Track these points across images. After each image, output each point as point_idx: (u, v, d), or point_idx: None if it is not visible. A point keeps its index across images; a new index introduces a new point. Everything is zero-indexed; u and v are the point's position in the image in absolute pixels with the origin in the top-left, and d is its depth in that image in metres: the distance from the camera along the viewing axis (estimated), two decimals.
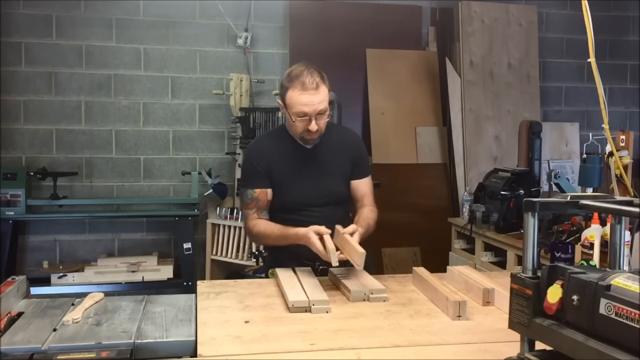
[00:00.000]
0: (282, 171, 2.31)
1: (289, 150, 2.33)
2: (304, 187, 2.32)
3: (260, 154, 2.34)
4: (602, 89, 2.40)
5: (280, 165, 2.31)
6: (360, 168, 2.43)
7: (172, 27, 4.47)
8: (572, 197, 1.28)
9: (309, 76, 2.19)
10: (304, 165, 2.33)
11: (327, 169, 2.35)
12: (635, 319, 1.00)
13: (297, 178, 2.32)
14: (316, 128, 2.20)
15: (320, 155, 2.34)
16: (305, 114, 2.18)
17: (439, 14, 4.91)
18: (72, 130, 4.40)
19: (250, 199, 2.31)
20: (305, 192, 2.32)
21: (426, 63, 4.81)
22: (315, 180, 2.33)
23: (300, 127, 2.22)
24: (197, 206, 4.31)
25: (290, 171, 2.31)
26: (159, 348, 1.61)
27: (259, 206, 2.31)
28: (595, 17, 2.32)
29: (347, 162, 2.39)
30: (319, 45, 4.55)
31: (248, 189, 2.32)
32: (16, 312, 1.82)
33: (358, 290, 1.99)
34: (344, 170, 2.39)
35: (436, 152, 4.76)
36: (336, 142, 2.37)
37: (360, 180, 2.43)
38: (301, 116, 2.19)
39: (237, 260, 4.22)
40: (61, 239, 4.44)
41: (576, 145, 5.00)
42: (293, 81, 2.19)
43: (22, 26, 4.27)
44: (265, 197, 2.31)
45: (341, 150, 2.38)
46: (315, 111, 2.18)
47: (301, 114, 2.18)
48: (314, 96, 2.17)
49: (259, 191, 2.31)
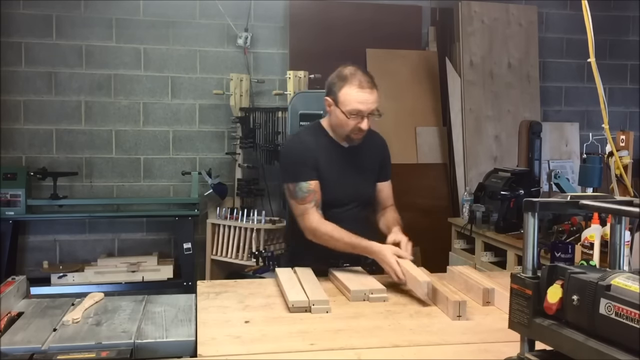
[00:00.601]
0: (326, 167, 2.31)
1: (328, 147, 2.34)
2: (342, 186, 2.34)
3: (308, 148, 2.31)
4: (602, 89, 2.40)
5: (324, 161, 2.31)
6: (385, 170, 2.48)
7: (172, 27, 4.47)
8: (572, 197, 1.28)
9: (365, 75, 2.23)
10: (341, 164, 2.35)
11: (361, 170, 2.38)
12: (635, 319, 1.00)
13: (334, 176, 2.33)
14: (366, 127, 2.24)
15: (355, 156, 2.37)
16: (360, 111, 2.21)
17: (439, 14, 4.91)
18: (72, 130, 4.40)
19: (307, 192, 2.24)
20: (342, 190, 2.34)
21: (426, 63, 4.81)
22: (352, 179, 2.36)
23: (352, 124, 2.24)
24: (197, 206, 4.31)
25: (329, 169, 2.32)
26: (159, 348, 1.61)
27: (317, 199, 2.25)
28: (595, 17, 2.32)
29: (377, 163, 2.44)
30: (319, 45, 4.55)
31: (301, 182, 2.25)
32: (16, 312, 1.82)
33: (358, 290, 1.99)
34: (374, 171, 2.44)
35: (436, 152, 4.76)
36: (367, 143, 2.39)
37: (385, 183, 2.48)
38: (355, 114, 2.21)
39: (237, 260, 4.21)
40: (61, 239, 4.44)
41: (576, 145, 4.99)
42: (349, 78, 2.21)
43: (22, 26, 4.27)
44: (319, 189, 2.27)
45: (371, 151, 2.42)
46: (369, 110, 2.22)
47: (355, 111, 2.21)
48: (370, 95, 2.21)
49: (314, 183, 2.26)
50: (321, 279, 2.17)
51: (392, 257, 2.08)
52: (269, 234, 4.21)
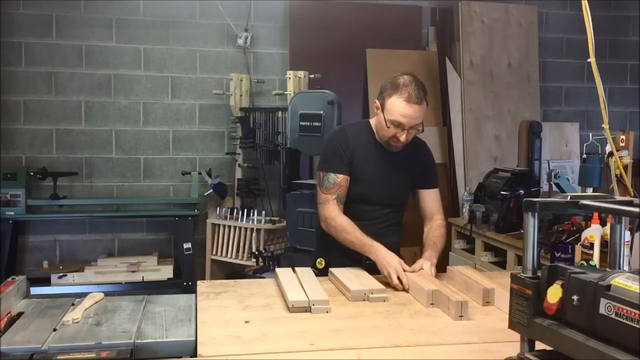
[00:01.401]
0: (362, 163, 2.34)
1: (369, 145, 2.36)
2: (376, 184, 2.36)
3: (346, 141, 2.35)
4: (602, 89, 2.40)
5: (361, 157, 2.34)
6: (428, 178, 2.47)
7: (172, 27, 4.47)
8: (572, 197, 1.28)
9: (417, 89, 2.21)
10: (379, 164, 2.36)
11: (400, 174, 2.39)
12: (635, 319, 1.00)
13: (372, 173, 2.35)
14: (405, 139, 2.25)
15: (396, 159, 2.38)
16: (401, 124, 2.22)
17: (439, 14, 4.91)
18: (72, 130, 4.40)
19: (332, 184, 2.30)
20: (376, 188, 2.36)
21: (426, 63, 4.80)
22: (387, 180, 2.38)
23: (391, 133, 2.25)
24: (197, 206, 4.31)
25: (366, 166, 2.35)
26: (159, 348, 1.61)
27: (340, 193, 2.31)
28: (595, 17, 2.32)
29: (418, 171, 2.44)
30: (319, 45, 4.56)
31: (331, 173, 2.31)
32: (16, 312, 1.82)
33: (358, 290, 1.99)
34: (412, 178, 2.44)
35: (436, 152, 4.75)
36: (411, 150, 2.39)
37: (428, 191, 2.47)
38: (396, 125, 2.22)
39: (237, 260, 4.22)
40: (61, 239, 4.44)
41: (576, 145, 4.99)
42: (400, 88, 2.21)
43: (22, 26, 4.27)
44: (346, 184, 2.33)
45: (413, 159, 2.42)
46: (411, 124, 2.22)
47: (396, 122, 2.22)
48: (415, 111, 2.21)
49: (342, 177, 2.31)
50: (321, 279, 2.18)
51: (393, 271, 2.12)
52: (269, 234, 4.21)
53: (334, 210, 2.29)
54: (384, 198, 2.39)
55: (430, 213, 2.48)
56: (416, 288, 2.02)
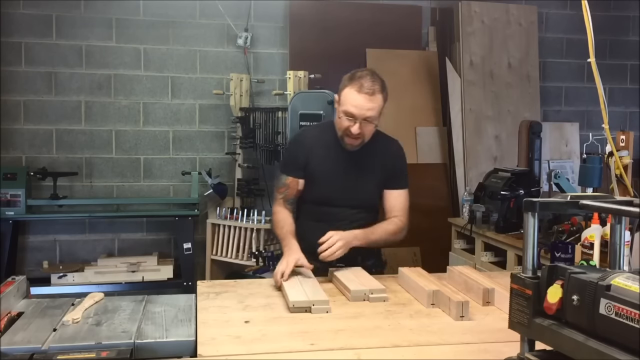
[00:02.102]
0: (320, 165, 2.35)
1: (331, 146, 2.36)
2: (336, 185, 2.35)
3: (303, 145, 2.40)
4: (602, 89, 2.40)
5: (319, 159, 2.35)
6: (395, 179, 2.43)
7: (172, 27, 4.47)
8: (572, 197, 1.28)
9: (370, 81, 2.22)
10: (342, 164, 2.35)
11: (363, 173, 2.37)
12: (635, 319, 1.00)
13: (332, 175, 2.35)
14: (357, 132, 2.23)
15: (359, 159, 2.37)
16: (352, 114, 2.21)
17: (439, 14, 4.91)
18: (72, 130, 4.40)
19: (282, 184, 2.40)
20: (337, 190, 2.35)
21: (426, 63, 4.80)
22: (349, 181, 2.36)
23: (344, 125, 2.25)
24: (197, 206, 4.31)
25: (327, 167, 2.35)
26: (159, 348, 1.61)
27: (287, 194, 2.38)
28: (595, 17, 2.32)
29: (384, 171, 2.41)
30: (319, 45, 4.56)
31: (283, 174, 2.41)
32: (16, 312, 1.82)
33: (358, 290, 1.99)
34: (379, 178, 2.41)
35: (436, 152, 4.76)
36: (378, 149, 2.38)
37: (393, 191, 2.43)
38: (348, 116, 2.22)
39: (237, 260, 4.21)
40: (61, 239, 4.44)
41: (576, 145, 4.99)
42: (353, 80, 2.23)
43: (22, 26, 4.27)
44: (296, 186, 2.38)
45: (380, 158, 2.39)
46: (362, 116, 2.21)
47: (348, 113, 2.22)
48: (367, 101, 2.20)
49: (291, 179, 2.38)
50: (321, 279, 2.17)
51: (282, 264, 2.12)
52: (269, 234, 4.21)
53: (277, 207, 2.38)
54: (347, 199, 2.36)
55: (388, 213, 2.41)
56: (417, 288, 2.02)
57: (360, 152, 2.35)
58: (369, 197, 2.41)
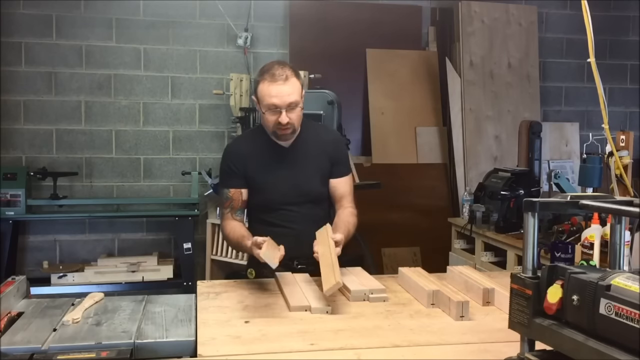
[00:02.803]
0: (258, 170, 2.30)
1: (265, 149, 2.31)
2: (280, 186, 2.30)
3: (236, 154, 2.34)
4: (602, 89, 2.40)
5: (256, 164, 2.30)
6: (338, 167, 2.38)
7: (172, 27, 4.47)
8: (572, 197, 1.28)
9: (279, 69, 2.17)
10: (280, 163, 2.31)
11: (304, 168, 2.32)
12: (635, 319, 1.00)
13: (273, 177, 2.30)
14: (287, 120, 2.17)
15: (297, 154, 2.32)
16: (275, 105, 2.16)
17: (439, 14, 4.91)
18: (72, 130, 4.40)
19: (225, 199, 2.32)
20: (281, 190, 2.30)
21: (426, 63, 4.81)
22: (292, 178, 2.31)
23: (272, 120, 2.19)
24: (197, 206, 4.31)
25: (266, 170, 2.30)
26: (159, 348, 1.61)
27: (232, 206, 2.31)
28: (595, 17, 2.32)
29: (325, 160, 2.35)
30: (319, 45, 4.56)
31: (224, 189, 2.34)
32: (16, 312, 1.83)
33: (358, 290, 1.99)
34: (322, 168, 2.35)
35: (436, 152, 4.76)
36: (314, 140, 2.34)
37: (339, 180, 2.38)
38: (271, 108, 2.17)
39: (237, 260, 4.21)
40: (61, 239, 4.44)
41: (576, 145, 5.00)
42: (263, 74, 2.19)
43: (22, 26, 4.27)
44: (240, 197, 2.32)
45: (319, 148, 2.34)
46: (285, 103, 2.15)
47: (271, 106, 2.16)
48: (283, 87, 2.15)
49: (234, 191, 2.32)
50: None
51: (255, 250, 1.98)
52: None
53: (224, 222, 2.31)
54: (296, 196, 2.31)
55: (338, 202, 2.37)
56: (417, 288, 2.02)
57: (296, 146, 2.31)
58: (317, 190, 2.35)
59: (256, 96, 2.24)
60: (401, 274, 2.21)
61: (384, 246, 4.45)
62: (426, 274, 2.15)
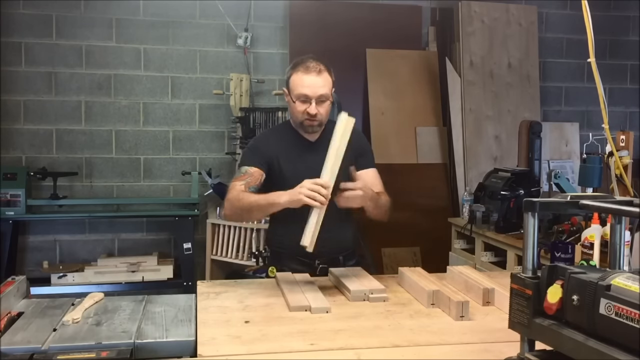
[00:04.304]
0: (284, 162, 2.31)
1: (292, 142, 2.34)
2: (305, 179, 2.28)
3: (266, 142, 2.35)
4: (602, 89, 2.40)
5: (283, 155, 2.31)
6: (364, 159, 2.42)
7: (172, 27, 4.47)
8: (572, 197, 1.28)
9: (313, 62, 2.22)
10: (306, 159, 2.31)
11: None
12: (635, 319, 1.00)
13: (298, 170, 2.28)
14: (315, 112, 2.20)
15: (323, 150, 2.32)
16: (306, 96, 2.19)
17: (439, 14, 4.91)
18: (72, 130, 4.40)
19: (244, 172, 2.25)
20: None
21: (426, 63, 4.80)
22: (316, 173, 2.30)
23: (301, 110, 2.22)
24: (197, 206, 4.31)
25: (292, 162, 2.31)
26: (159, 348, 1.61)
27: (249, 181, 2.24)
28: (595, 17, 2.32)
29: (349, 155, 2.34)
30: (319, 45, 4.55)
31: (244, 166, 2.29)
32: (16, 312, 1.82)
33: (358, 290, 1.99)
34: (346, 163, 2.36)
35: (436, 152, 4.76)
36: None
37: (365, 171, 2.40)
38: (302, 99, 2.20)
39: (237, 260, 4.21)
40: (61, 239, 4.44)
41: (576, 145, 4.99)
42: (297, 65, 2.23)
43: (22, 26, 4.27)
44: (259, 176, 2.27)
45: None
46: (316, 94, 2.19)
47: (302, 96, 2.20)
48: (316, 79, 2.19)
49: (255, 169, 2.27)
50: (320, 279, 2.17)
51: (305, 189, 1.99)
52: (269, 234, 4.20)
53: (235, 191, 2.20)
54: None
55: None
56: (417, 288, 2.02)
57: (322, 141, 2.30)
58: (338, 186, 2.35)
59: (287, 87, 2.26)
60: (401, 274, 2.21)
61: (384, 246, 4.45)
62: (426, 274, 2.15)
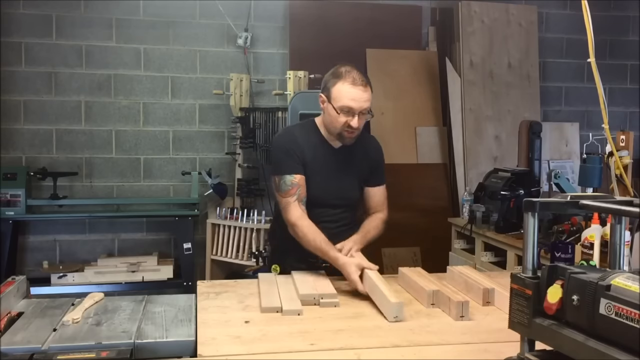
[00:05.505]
0: (309, 164, 2.29)
1: (318, 146, 2.32)
2: (326, 186, 2.31)
3: (295, 142, 2.30)
4: (602, 89, 2.40)
5: (309, 157, 2.29)
6: (377, 175, 2.44)
7: (172, 27, 4.47)
8: (572, 197, 1.28)
9: (359, 74, 2.21)
10: (329, 164, 2.32)
11: (349, 172, 2.36)
12: (635, 319, 1.00)
13: (321, 175, 2.31)
14: (357, 125, 2.20)
15: (345, 157, 2.35)
16: (351, 108, 2.19)
17: (439, 14, 4.91)
18: (72, 130, 4.40)
19: (291, 185, 2.22)
20: (326, 190, 2.32)
21: (426, 63, 4.80)
22: (337, 180, 2.33)
23: (342, 122, 2.21)
24: (197, 206, 4.30)
25: (315, 167, 2.30)
26: (159, 348, 1.61)
27: (300, 193, 2.23)
28: (595, 17, 2.32)
29: (366, 168, 2.40)
30: (319, 45, 4.55)
31: (286, 175, 2.23)
32: (16, 312, 1.83)
33: (307, 294, 1.95)
34: (362, 175, 2.40)
35: (436, 152, 4.76)
36: (360, 147, 2.36)
37: (376, 188, 2.43)
38: (346, 111, 2.19)
39: (237, 260, 4.21)
40: (61, 239, 4.44)
41: (576, 145, 4.99)
42: (343, 75, 2.21)
43: (22, 26, 4.27)
44: (304, 184, 2.25)
45: (363, 155, 2.39)
46: (361, 108, 2.19)
47: (346, 108, 2.19)
48: (363, 93, 2.19)
49: (299, 177, 2.25)
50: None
51: (355, 273, 2.05)
52: (268, 234, 4.21)
53: (296, 214, 2.21)
54: (334, 199, 2.34)
55: (373, 209, 2.42)
56: (417, 288, 2.02)
57: (346, 150, 2.33)
58: (353, 195, 2.40)
59: (327, 94, 2.24)
60: (401, 274, 2.21)
61: (384, 246, 4.45)
62: (426, 274, 2.15)
